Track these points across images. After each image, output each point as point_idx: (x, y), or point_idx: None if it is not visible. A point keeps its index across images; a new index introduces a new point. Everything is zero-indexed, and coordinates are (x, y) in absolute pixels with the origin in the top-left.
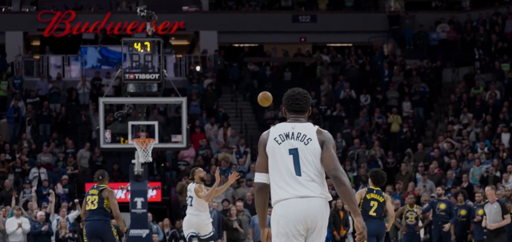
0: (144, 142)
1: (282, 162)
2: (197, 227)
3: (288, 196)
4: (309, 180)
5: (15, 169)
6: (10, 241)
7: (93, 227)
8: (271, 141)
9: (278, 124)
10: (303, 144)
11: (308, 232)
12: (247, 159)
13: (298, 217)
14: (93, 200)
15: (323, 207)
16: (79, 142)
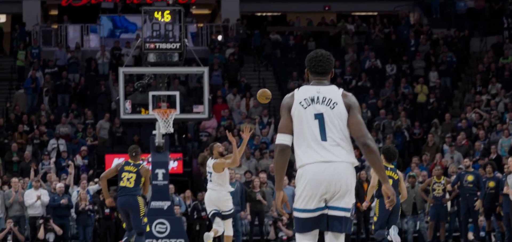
0: (165, 113)
1: (307, 127)
2: (217, 202)
3: (312, 161)
4: (334, 144)
5: (34, 140)
6: (28, 214)
7: (127, 202)
8: (296, 104)
9: (301, 87)
10: (328, 108)
11: (331, 196)
12: (270, 129)
13: (320, 181)
14: (129, 178)
15: (347, 171)
16: (99, 112)
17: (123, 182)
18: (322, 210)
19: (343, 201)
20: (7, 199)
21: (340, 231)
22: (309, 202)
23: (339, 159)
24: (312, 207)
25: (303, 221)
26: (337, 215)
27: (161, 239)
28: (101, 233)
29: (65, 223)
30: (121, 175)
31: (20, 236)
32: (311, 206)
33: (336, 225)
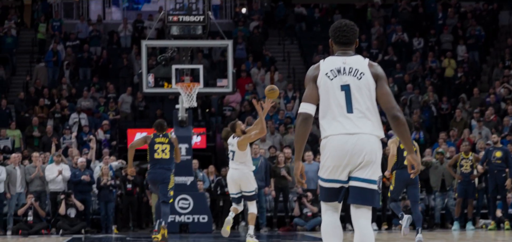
0: (188, 86)
1: (334, 98)
2: (239, 181)
3: (335, 132)
4: (360, 116)
5: (55, 115)
6: (49, 189)
7: (161, 175)
8: (322, 76)
9: (327, 58)
10: (356, 79)
11: (354, 168)
12: (295, 104)
13: (343, 152)
14: (164, 149)
15: (370, 143)
16: (121, 86)
17: (158, 154)
18: (344, 183)
19: (365, 172)
20: (28, 174)
21: (362, 203)
22: (331, 173)
23: (363, 130)
24: (335, 178)
25: (326, 190)
26: (359, 186)
27: (184, 215)
28: (123, 208)
29: (86, 198)
30: (153, 147)
31: (41, 211)
32: (334, 176)
33: (358, 196)
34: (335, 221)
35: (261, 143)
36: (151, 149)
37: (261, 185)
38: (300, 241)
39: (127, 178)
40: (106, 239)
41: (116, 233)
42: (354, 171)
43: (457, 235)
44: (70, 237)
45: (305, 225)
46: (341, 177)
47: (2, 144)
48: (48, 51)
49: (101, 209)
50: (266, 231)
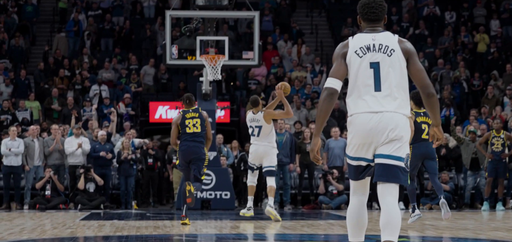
0: (213, 59)
1: (362, 76)
2: (263, 156)
3: (361, 111)
4: (387, 95)
5: (75, 86)
6: (68, 162)
7: (193, 149)
8: (351, 53)
9: (356, 35)
10: (386, 55)
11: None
12: (323, 78)
13: (366, 130)
14: (195, 123)
15: (395, 120)
16: (143, 58)
17: (190, 128)
18: (370, 161)
19: (389, 148)
20: (46, 146)
21: (388, 180)
22: (357, 151)
23: (387, 109)
24: (361, 156)
25: (353, 168)
26: (384, 163)
27: (206, 191)
28: (144, 184)
29: (106, 172)
30: (185, 123)
31: (59, 185)
32: (359, 154)
33: (383, 173)
34: (361, 205)
35: None
36: (182, 125)
37: (286, 161)
38: (324, 219)
39: (148, 153)
40: (126, 215)
41: (136, 209)
42: (379, 147)
43: (487, 216)
44: (89, 212)
45: (330, 203)
46: (367, 155)
47: (21, 116)
48: (69, 20)
49: (121, 184)
50: (290, 209)
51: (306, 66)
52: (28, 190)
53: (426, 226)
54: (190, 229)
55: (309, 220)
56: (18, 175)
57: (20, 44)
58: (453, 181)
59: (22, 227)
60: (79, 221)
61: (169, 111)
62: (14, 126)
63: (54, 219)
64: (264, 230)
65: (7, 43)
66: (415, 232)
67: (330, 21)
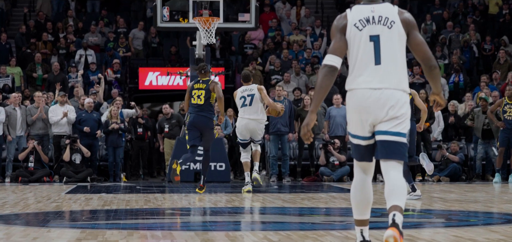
0: (206, 21)
1: (362, 50)
2: (252, 131)
3: (359, 86)
4: (388, 69)
5: (59, 51)
6: (53, 132)
7: (197, 120)
8: (350, 26)
9: (354, 7)
10: (386, 28)
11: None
12: (323, 42)
13: (365, 107)
14: (199, 95)
15: (395, 97)
16: (132, 20)
17: (194, 99)
18: (366, 139)
19: (390, 125)
20: (29, 115)
21: (390, 157)
22: (357, 128)
23: (387, 85)
24: (360, 134)
25: (355, 147)
26: (384, 139)
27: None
28: (133, 155)
29: (93, 143)
30: (191, 93)
31: (43, 156)
32: (359, 132)
33: (385, 151)
34: (365, 182)
35: (285, 84)
36: (190, 95)
37: (285, 130)
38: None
39: (137, 122)
40: (114, 188)
41: (124, 181)
42: (378, 125)
43: (499, 188)
44: (75, 185)
45: (332, 175)
46: (363, 132)
47: (2, 83)
48: None
49: (109, 155)
50: (289, 181)
51: (305, 30)
52: (10, 162)
53: (434, 199)
54: (183, 202)
55: (310, 192)
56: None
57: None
58: (462, 151)
59: (4, 201)
60: (65, 194)
61: (160, 78)
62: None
63: (38, 192)
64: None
65: None
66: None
67: None
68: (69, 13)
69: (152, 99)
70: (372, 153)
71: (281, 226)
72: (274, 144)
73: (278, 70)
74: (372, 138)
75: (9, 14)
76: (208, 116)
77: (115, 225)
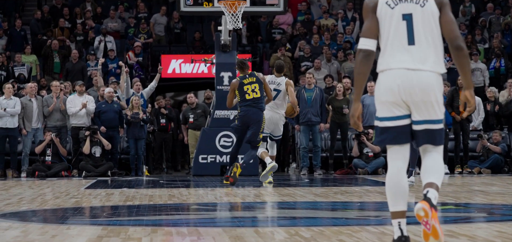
0: (233, 5)
1: (394, 29)
2: (275, 126)
3: (395, 66)
4: (422, 49)
5: (76, 38)
6: (71, 124)
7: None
8: (382, 4)
9: None
10: (418, 6)
11: (413, 105)
12: (356, 26)
13: (403, 88)
14: (254, 88)
15: (433, 80)
16: (154, 5)
17: (249, 95)
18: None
19: (428, 113)
20: (45, 106)
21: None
22: (390, 110)
23: (425, 67)
24: (393, 115)
25: (386, 130)
26: (424, 129)
27: (226, 155)
28: (156, 147)
29: (113, 135)
30: (243, 89)
31: (62, 149)
32: (392, 114)
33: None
34: (400, 171)
35: (315, 71)
36: (241, 91)
37: (316, 120)
38: (360, 185)
39: (160, 112)
40: (136, 182)
41: (147, 175)
42: (415, 112)
43: None
44: (95, 179)
45: (366, 167)
46: (398, 113)
47: (17, 72)
48: None
49: (131, 147)
50: (320, 174)
51: (337, 13)
52: (26, 156)
53: (475, 192)
54: (209, 197)
55: (343, 186)
56: (14, 138)
57: None
58: (505, 141)
59: (20, 197)
60: (84, 189)
61: (183, 66)
62: (9, 83)
63: (56, 187)
64: (293, 198)
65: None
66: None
67: None
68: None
69: (176, 88)
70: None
71: (313, 221)
72: (305, 134)
73: (308, 57)
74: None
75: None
76: (261, 108)
77: (138, 221)
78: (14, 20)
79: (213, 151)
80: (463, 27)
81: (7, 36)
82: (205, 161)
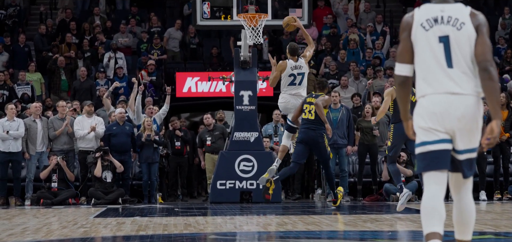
0: (253, 18)
1: (430, 52)
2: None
3: (435, 91)
4: (461, 73)
5: (85, 54)
6: (79, 147)
7: (306, 135)
8: (417, 26)
9: (423, 5)
10: (455, 29)
11: (456, 133)
12: (386, 41)
13: (445, 114)
14: (310, 109)
15: (475, 106)
16: (168, 18)
17: (305, 114)
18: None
19: (467, 141)
20: (51, 128)
21: (468, 175)
22: (429, 135)
23: (466, 91)
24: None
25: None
26: (464, 158)
27: (246, 180)
28: (170, 172)
29: (125, 159)
30: (302, 107)
31: (69, 173)
32: (431, 138)
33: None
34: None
35: (342, 90)
36: (301, 108)
37: (342, 142)
38: (391, 213)
39: (175, 134)
40: (150, 210)
41: (161, 203)
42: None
43: None
44: (105, 207)
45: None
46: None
47: (20, 91)
48: None
49: (143, 172)
50: (348, 201)
51: (365, 27)
52: (30, 182)
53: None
54: (228, 226)
55: (372, 214)
56: (17, 163)
57: (16, 2)
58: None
59: (24, 226)
60: (93, 218)
61: (200, 84)
62: (11, 104)
63: (63, 216)
64: (319, 227)
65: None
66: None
67: None
68: (96, 10)
69: (191, 108)
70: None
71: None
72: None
73: (334, 74)
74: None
75: (27, 12)
76: (317, 130)
77: None
78: (17, 35)
79: (232, 176)
80: (502, 41)
81: (8, 52)
82: (223, 187)
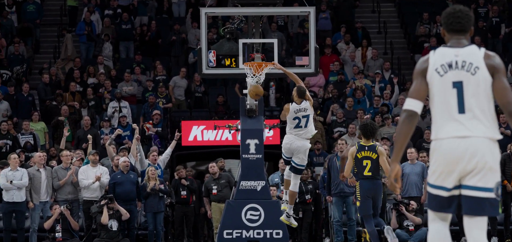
0: (259, 66)
1: (444, 97)
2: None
3: (446, 135)
4: (472, 117)
5: (89, 103)
6: (83, 197)
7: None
8: (431, 71)
9: (438, 49)
10: (469, 74)
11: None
12: (395, 89)
13: (453, 157)
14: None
15: (484, 146)
16: (173, 66)
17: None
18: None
19: (478, 179)
20: (55, 177)
21: (475, 213)
22: (439, 179)
23: (475, 133)
24: (442, 185)
25: (433, 198)
26: (472, 195)
27: (253, 229)
28: (176, 221)
29: (130, 208)
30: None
31: (73, 222)
32: (444, 183)
33: (471, 207)
34: (442, 230)
35: (349, 137)
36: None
37: (349, 190)
38: None
39: (180, 183)
40: None
41: None
42: (465, 178)
43: None
44: None
45: (409, 239)
46: (446, 183)
47: (23, 140)
48: (80, 21)
49: (149, 222)
50: None
51: (373, 74)
52: (34, 232)
53: None
54: None
55: None
56: (21, 213)
57: (20, 52)
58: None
59: None
60: None
61: (206, 132)
62: (15, 153)
63: None
64: None
65: (5, 51)
66: None
67: (402, 17)
68: (99, 59)
69: (197, 157)
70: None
71: None
72: (338, 207)
73: (342, 122)
74: (455, 189)
75: (31, 61)
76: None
77: None
78: (21, 84)
79: (239, 226)
80: None
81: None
82: (230, 237)
